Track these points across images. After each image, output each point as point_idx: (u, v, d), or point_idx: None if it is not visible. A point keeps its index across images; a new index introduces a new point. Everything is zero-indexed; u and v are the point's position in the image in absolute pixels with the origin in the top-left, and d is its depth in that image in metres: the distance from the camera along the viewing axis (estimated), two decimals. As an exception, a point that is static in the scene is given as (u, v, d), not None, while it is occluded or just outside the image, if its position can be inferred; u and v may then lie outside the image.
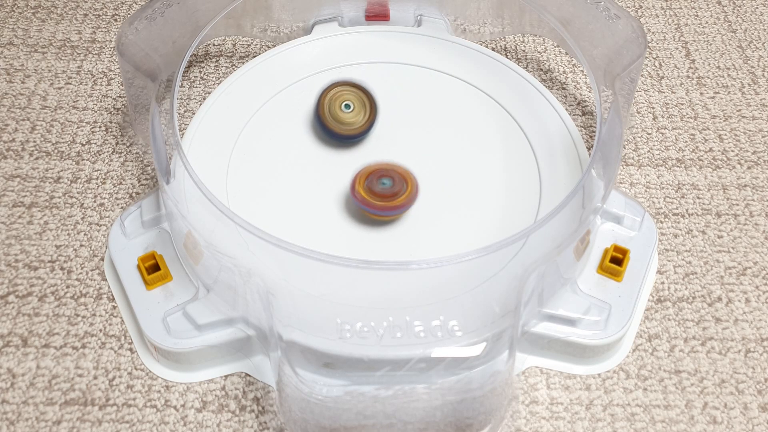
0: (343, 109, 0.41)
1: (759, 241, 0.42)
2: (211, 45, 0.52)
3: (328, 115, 0.41)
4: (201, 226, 0.35)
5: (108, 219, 0.42)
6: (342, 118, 0.41)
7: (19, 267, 0.40)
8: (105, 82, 0.49)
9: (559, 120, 0.43)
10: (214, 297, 0.36)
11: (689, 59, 0.51)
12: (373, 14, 0.49)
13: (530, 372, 0.36)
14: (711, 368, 0.37)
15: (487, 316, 0.33)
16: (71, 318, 0.38)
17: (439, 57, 0.47)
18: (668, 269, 0.40)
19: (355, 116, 0.41)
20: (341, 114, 0.41)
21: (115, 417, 0.35)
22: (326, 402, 0.32)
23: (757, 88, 0.50)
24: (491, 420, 0.34)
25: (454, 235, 0.38)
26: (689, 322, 0.38)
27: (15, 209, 0.42)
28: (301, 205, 0.40)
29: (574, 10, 0.44)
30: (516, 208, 0.39)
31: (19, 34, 0.53)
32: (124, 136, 0.46)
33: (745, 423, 0.35)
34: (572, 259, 0.36)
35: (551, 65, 0.51)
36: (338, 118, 0.41)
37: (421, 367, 0.32)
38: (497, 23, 0.50)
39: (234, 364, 0.36)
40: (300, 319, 0.33)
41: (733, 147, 0.46)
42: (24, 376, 0.36)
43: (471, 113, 0.44)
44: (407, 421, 0.32)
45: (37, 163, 0.45)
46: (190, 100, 0.48)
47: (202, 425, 0.34)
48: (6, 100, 0.48)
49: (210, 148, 0.42)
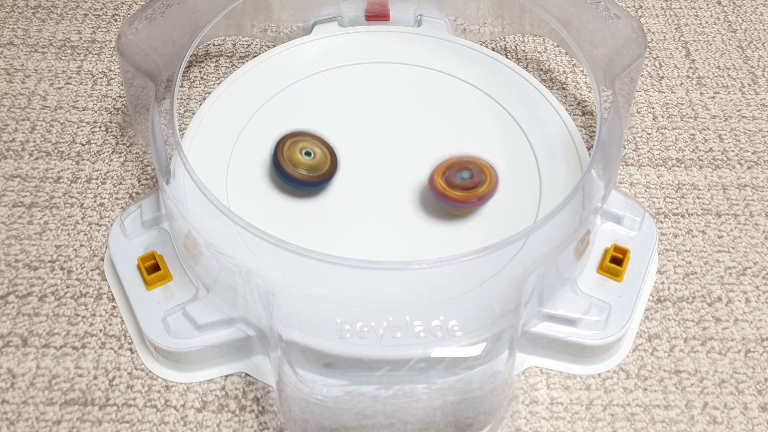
0: (303, 156, 0.39)
1: (759, 241, 0.42)
2: (211, 45, 0.52)
3: (287, 160, 0.39)
4: (201, 226, 0.35)
5: (108, 219, 0.42)
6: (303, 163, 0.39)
7: (19, 267, 0.40)
8: (105, 82, 0.49)
9: (559, 120, 0.43)
10: (214, 297, 0.36)
11: (689, 59, 0.51)
12: (373, 14, 0.49)
13: (530, 372, 0.36)
14: (711, 368, 0.37)
15: (487, 316, 0.33)
16: (71, 318, 0.38)
17: (439, 57, 0.47)
18: (668, 269, 0.40)
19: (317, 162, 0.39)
20: (302, 159, 0.39)
21: (115, 417, 0.35)
22: (326, 402, 0.32)
23: (757, 88, 0.50)
24: (491, 420, 0.34)
25: (454, 235, 0.38)
26: (689, 322, 0.38)
27: (15, 209, 0.42)
28: (300, 205, 0.40)
29: (574, 10, 0.44)
30: (516, 208, 0.39)
31: (19, 34, 0.53)
32: (124, 136, 0.46)
33: (745, 423, 0.35)
34: (572, 259, 0.36)
35: (551, 65, 0.51)
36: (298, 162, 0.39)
37: (421, 367, 0.32)
38: (497, 23, 0.50)
39: (234, 364, 0.36)
40: (300, 319, 0.33)
41: (733, 147, 0.46)
42: (24, 376, 0.36)
43: (471, 113, 0.44)
44: (407, 421, 0.32)
45: (37, 163, 0.45)
46: (190, 100, 0.48)
47: (202, 425, 0.34)
48: (6, 100, 0.48)
49: (210, 148, 0.42)
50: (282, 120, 0.43)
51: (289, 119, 0.44)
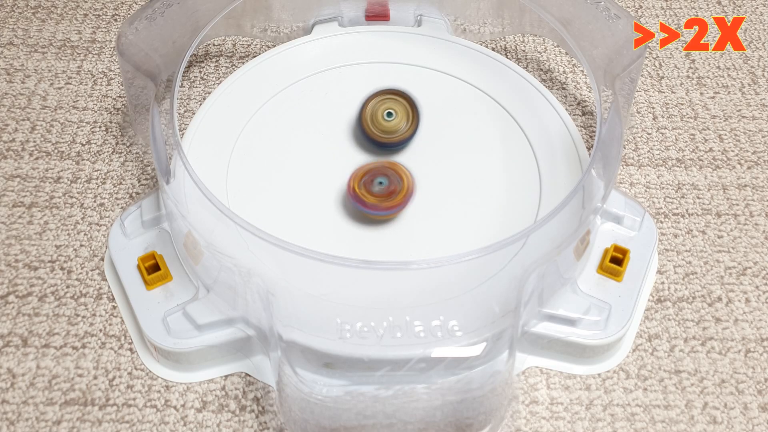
0: (385, 118, 0.41)
1: (759, 241, 0.42)
2: (211, 45, 0.52)
3: (370, 123, 0.41)
4: (201, 226, 0.35)
5: (108, 219, 0.42)
6: (385, 127, 0.41)
7: (19, 267, 0.40)
8: (105, 82, 0.49)
9: (559, 120, 0.43)
10: (214, 297, 0.36)
11: (689, 59, 0.51)
12: (373, 14, 0.49)
13: (530, 372, 0.36)
14: (711, 368, 0.37)
15: (487, 316, 0.33)
16: (71, 318, 0.38)
17: (439, 57, 0.47)
18: (668, 269, 0.40)
19: (398, 124, 0.41)
20: (384, 123, 0.41)
21: (115, 417, 0.35)
22: (326, 402, 0.32)
23: (757, 88, 0.50)
24: (491, 420, 0.34)
25: (454, 235, 0.38)
26: (689, 322, 0.38)
27: (15, 209, 0.42)
28: (301, 205, 0.40)
29: (574, 10, 0.44)
30: (516, 208, 0.39)
31: (19, 34, 0.53)
32: (124, 136, 0.46)
33: (745, 423, 0.35)
34: (572, 259, 0.36)
35: (551, 65, 0.51)
36: (381, 126, 0.41)
37: (421, 367, 0.32)
38: (497, 23, 0.50)
39: (234, 364, 0.36)
40: (300, 319, 0.33)
41: (733, 147, 0.46)
42: (24, 376, 0.36)
43: (471, 113, 0.44)
44: (407, 421, 0.32)
45: (37, 163, 0.45)
46: (190, 100, 0.48)
47: (202, 425, 0.34)
48: (6, 100, 0.48)
49: (210, 148, 0.42)
50: (282, 120, 0.43)
51: (289, 119, 0.44)
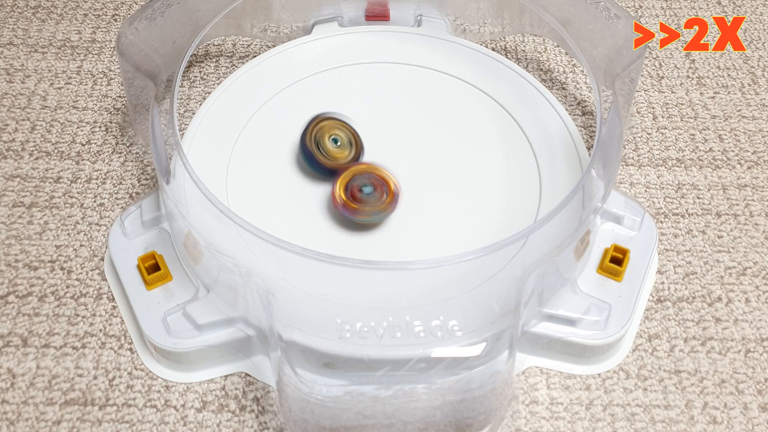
0: (330, 144, 0.40)
1: (759, 241, 0.42)
2: (211, 45, 0.52)
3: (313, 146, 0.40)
4: (201, 226, 0.35)
5: (108, 219, 0.42)
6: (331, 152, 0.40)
7: (19, 267, 0.40)
8: (105, 82, 0.49)
9: (559, 120, 0.43)
10: (214, 297, 0.36)
11: (689, 59, 0.51)
12: (373, 14, 0.49)
13: (530, 372, 0.36)
14: (711, 368, 0.37)
15: (487, 316, 0.33)
16: (71, 318, 0.38)
17: (439, 57, 0.47)
18: (668, 269, 0.40)
19: (342, 151, 0.40)
20: (330, 147, 0.40)
21: (115, 417, 0.35)
22: (326, 402, 0.32)
23: (757, 88, 0.50)
24: (491, 420, 0.34)
25: (454, 235, 0.38)
26: (689, 322, 0.38)
27: (15, 209, 0.42)
28: (301, 205, 0.40)
29: (574, 10, 0.44)
30: (516, 208, 0.39)
31: (19, 34, 0.53)
32: (124, 136, 0.46)
33: (745, 423, 0.35)
34: (572, 259, 0.36)
35: (551, 65, 0.51)
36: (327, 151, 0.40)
37: (421, 367, 0.32)
38: (497, 23, 0.50)
39: (234, 364, 0.36)
40: (300, 319, 0.33)
41: (733, 147, 0.46)
42: (24, 376, 0.36)
43: (471, 113, 0.44)
44: (407, 421, 0.32)
45: (37, 163, 0.45)
46: (190, 100, 0.48)
47: (202, 425, 0.34)
48: (6, 100, 0.48)
49: (210, 148, 0.42)
50: (282, 120, 0.43)
51: (289, 119, 0.44)
